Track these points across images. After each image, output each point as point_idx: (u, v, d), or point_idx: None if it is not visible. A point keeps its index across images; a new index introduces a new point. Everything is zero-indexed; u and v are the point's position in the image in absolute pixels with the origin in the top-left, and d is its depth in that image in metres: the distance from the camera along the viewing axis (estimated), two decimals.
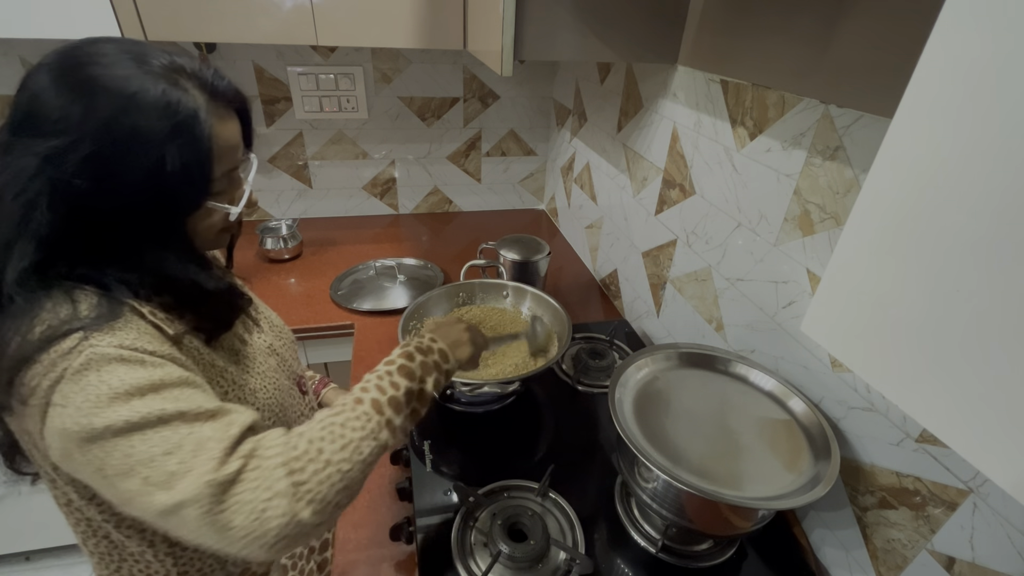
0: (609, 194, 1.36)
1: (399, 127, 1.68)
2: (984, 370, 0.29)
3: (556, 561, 0.71)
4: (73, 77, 0.45)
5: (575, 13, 0.87)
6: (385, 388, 0.54)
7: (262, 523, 0.43)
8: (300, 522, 0.44)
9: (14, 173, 0.45)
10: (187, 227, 0.53)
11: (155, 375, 0.46)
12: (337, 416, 0.50)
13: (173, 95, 0.46)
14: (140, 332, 0.48)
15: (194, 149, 0.48)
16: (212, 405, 0.47)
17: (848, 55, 0.63)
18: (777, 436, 0.70)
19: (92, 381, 0.43)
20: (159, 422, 0.44)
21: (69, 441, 0.43)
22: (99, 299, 0.48)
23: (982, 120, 0.28)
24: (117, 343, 0.46)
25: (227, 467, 0.43)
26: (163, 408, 0.44)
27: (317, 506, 0.45)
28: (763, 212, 0.80)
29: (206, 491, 0.42)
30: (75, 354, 0.44)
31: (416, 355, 0.59)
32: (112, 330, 0.46)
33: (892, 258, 0.34)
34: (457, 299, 1.09)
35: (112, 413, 0.43)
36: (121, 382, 0.44)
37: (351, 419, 0.50)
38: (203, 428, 0.45)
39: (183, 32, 1.08)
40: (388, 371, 0.56)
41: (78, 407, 0.43)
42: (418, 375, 0.58)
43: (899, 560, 0.64)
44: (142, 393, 0.44)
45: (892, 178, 0.34)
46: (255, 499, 0.43)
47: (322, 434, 0.48)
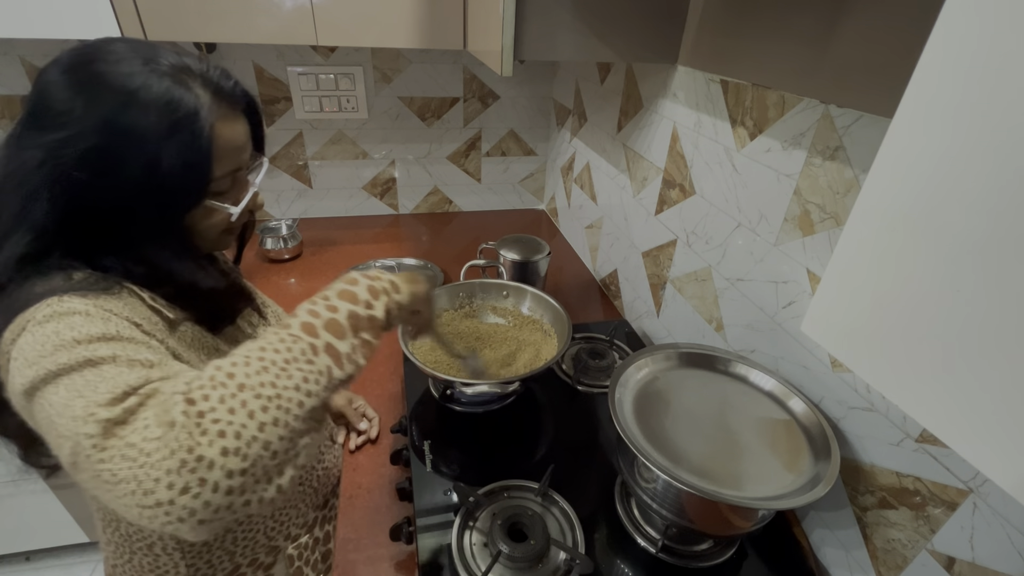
0: (609, 194, 1.36)
1: (399, 127, 1.68)
2: (984, 370, 0.29)
3: (556, 561, 0.71)
4: (79, 73, 0.46)
5: (575, 13, 0.87)
6: (319, 312, 0.46)
7: (151, 468, 0.33)
8: (203, 461, 0.34)
9: (19, 164, 0.46)
10: (186, 225, 0.53)
11: (112, 328, 0.42)
12: (254, 342, 0.42)
13: (175, 92, 0.47)
14: (128, 306, 0.47)
15: (192, 147, 0.48)
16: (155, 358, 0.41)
17: (848, 55, 0.63)
18: (777, 436, 0.70)
19: (48, 331, 0.41)
20: (87, 363, 0.38)
21: (17, 399, 0.40)
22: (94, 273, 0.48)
23: (982, 120, 0.28)
24: (90, 303, 0.44)
25: (120, 404, 0.36)
26: (98, 352, 0.39)
27: (230, 442, 0.35)
28: (763, 212, 0.80)
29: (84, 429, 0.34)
30: (44, 307, 0.43)
31: (361, 279, 0.52)
32: (96, 296, 0.45)
33: (892, 258, 0.34)
34: (457, 299, 1.09)
35: (49, 361, 0.38)
36: (71, 329, 0.41)
37: (272, 342, 0.41)
38: (130, 373, 0.39)
39: (183, 32, 1.08)
40: (324, 296, 0.49)
41: (26, 358, 0.40)
42: (363, 298, 0.50)
43: (899, 560, 0.64)
44: (90, 340, 0.40)
45: (892, 178, 0.34)
46: (144, 439, 0.34)
47: (234, 359, 0.39)
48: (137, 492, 0.33)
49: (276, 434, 0.37)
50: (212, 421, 0.35)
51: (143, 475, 0.33)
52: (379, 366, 1.11)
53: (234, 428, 0.35)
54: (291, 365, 0.40)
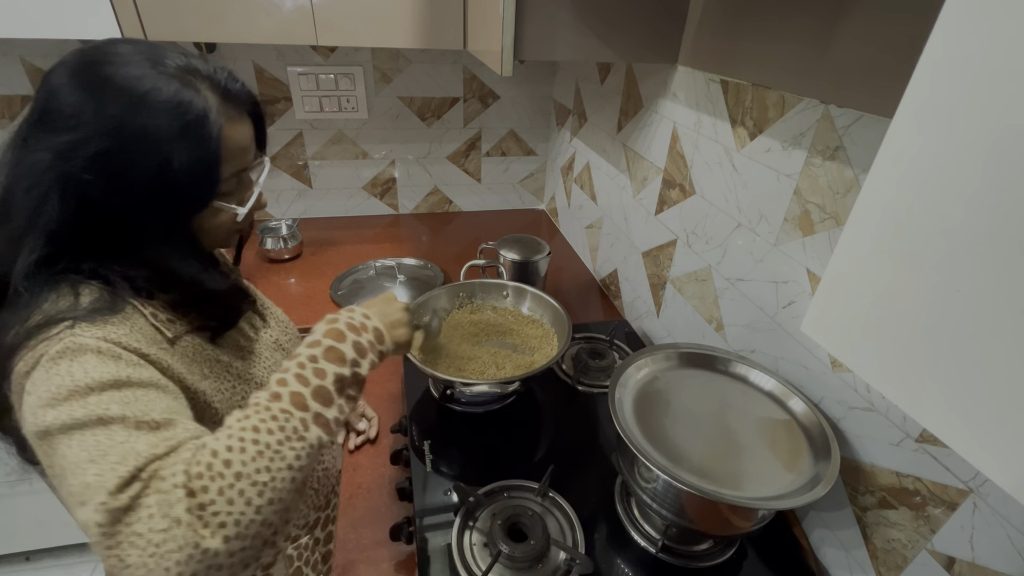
0: (609, 194, 1.36)
1: (399, 127, 1.68)
2: (984, 370, 0.29)
3: (556, 561, 0.71)
4: (88, 75, 0.46)
5: (575, 13, 0.87)
6: (308, 378, 0.47)
7: (160, 559, 0.36)
8: (208, 552, 0.37)
9: (28, 167, 0.46)
10: (194, 226, 0.53)
11: (122, 372, 0.44)
12: (247, 420, 0.43)
13: (185, 95, 0.47)
14: (133, 330, 0.48)
15: (202, 149, 0.48)
16: (162, 417, 0.43)
17: (848, 55, 0.63)
18: (777, 436, 0.70)
19: (61, 371, 0.42)
20: (98, 423, 0.40)
21: (29, 433, 0.42)
22: (101, 294, 0.48)
23: (981, 120, 0.28)
24: (101, 335, 0.45)
25: (125, 492, 0.37)
26: (108, 409, 0.41)
27: (230, 530, 0.38)
28: (763, 212, 0.80)
29: (97, 519, 0.36)
30: (55, 340, 0.43)
31: (348, 334, 0.53)
32: (104, 323, 0.46)
33: (892, 258, 0.34)
34: (457, 299, 1.09)
35: (64, 409, 0.40)
36: (85, 374, 0.42)
37: (265, 420, 0.43)
38: (139, 439, 0.40)
39: (183, 32, 1.08)
40: (311, 356, 0.49)
41: (39, 397, 0.41)
42: (350, 357, 0.51)
43: (899, 560, 0.64)
44: (102, 389, 0.42)
45: (892, 178, 0.34)
46: (150, 529, 0.36)
47: (229, 443, 0.41)
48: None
49: (271, 511, 0.41)
50: (213, 514, 0.38)
51: (153, 564, 0.36)
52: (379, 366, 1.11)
53: (234, 517, 0.38)
54: (284, 446, 0.42)
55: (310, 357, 0.49)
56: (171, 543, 0.36)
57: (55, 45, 1.33)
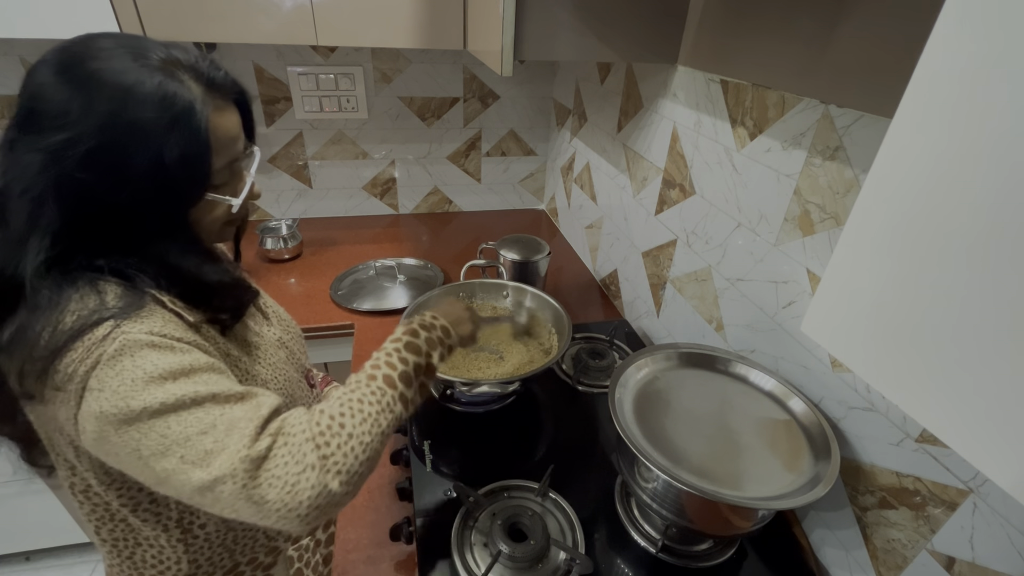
0: (609, 194, 1.36)
1: (399, 127, 1.68)
2: (984, 370, 0.29)
3: (556, 561, 0.71)
4: (72, 72, 0.46)
5: (575, 13, 0.87)
6: (395, 364, 0.56)
7: (295, 495, 0.45)
8: (331, 492, 0.46)
9: (20, 170, 0.45)
10: (191, 219, 0.54)
11: (185, 360, 0.48)
12: (353, 393, 0.52)
13: (169, 87, 0.47)
14: (164, 320, 0.50)
15: (192, 141, 0.48)
16: (241, 388, 0.49)
17: (848, 55, 0.63)
18: (777, 436, 0.70)
19: (127, 366, 0.45)
20: (193, 403, 0.46)
21: (106, 424, 0.45)
22: (122, 289, 0.49)
23: (982, 120, 0.28)
24: (147, 330, 0.47)
25: (259, 444, 0.45)
26: (196, 391, 0.46)
27: (344, 476, 0.47)
28: (763, 212, 0.80)
29: (240, 467, 0.44)
30: (109, 341, 0.45)
31: (421, 331, 0.62)
32: (140, 318, 0.48)
33: (892, 258, 0.34)
34: (457, 299, 1.08)
35: (148, 395, 0.45)
36: (155, 366, 0.46)
37: (367, 394, 0.52)
38: (234, 409, 0.47)
39: (183, 32, 1.08)
40: (396, 348, 0.58)
41: (115, 390, 0.44)
42: (424, 350, 0.60)
43: (899, 560, 0.64)
44: (175, 377, 0.46)
45: (892, 178, 0.34)
46: (287, 473, 0.45)
47: (342, 410, 0.50)
48: (282, 509, 0.45)
49: (369, 466, 0.50)
50: (334, 463, 0.47)
51: (289, 499, 0.45)
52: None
53: (347, 466, 0.48)
54: (381, 416, 0.52)
55: (395, 349, 0.58)
56: (305, 483, 0.45)
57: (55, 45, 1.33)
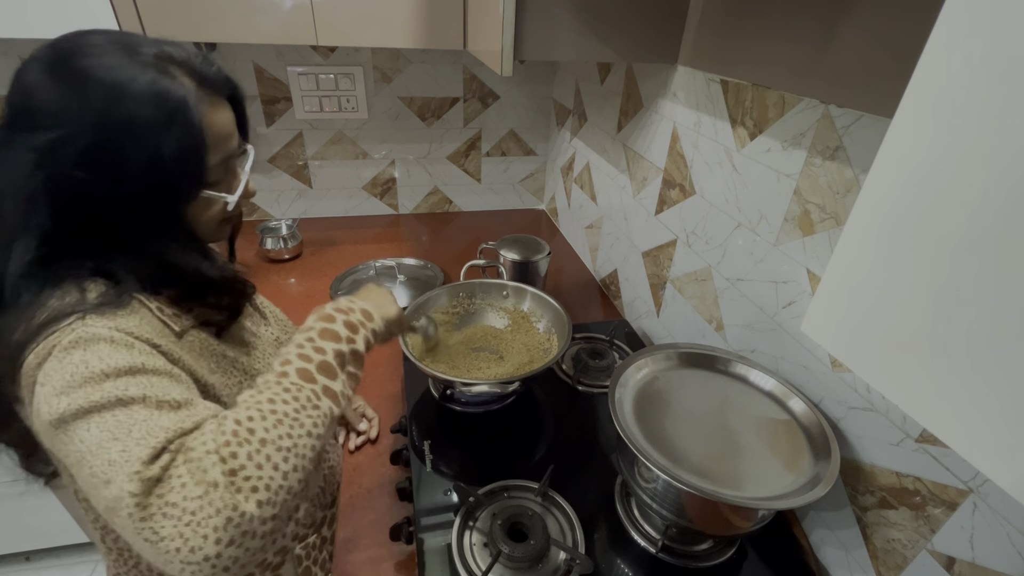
0: (609, 194, 1.36)
1: (399, 127, 1.68)
2: (984, 370, 0.29)
3: (556, 561, 0.71)
4: (64, 69, 0.45)
5: (575, 13, 0.87)
6: (310, 355, 0.50)
7: (197, 526, 0.36)
8: (245, 516, 0.38)
9: (12, 169, 0.45)
10: (187, 217, 0.53)
11: (136, 360, 0.44)
12: (261, 393, 0.45)
13: (162, 83, 0.46)
14: (142, 322, 0.48)
15: (187, 137, 0.47)
16: (183, 397, 0.44)
17: (848, 55, 0.63)
18: (777, 436, 0.70)
19: (75, 359, 0.42)
20: (118, 404, 0.40)
21: (42, 425, 0.41)
22: (107, 289, 0.47)
23: (982, 120, 0.28)
24: (112, 325, 0.45)
25: (157, 462, 0.38)
26: (127, 391, 0.41)
27: (263, 494, 0.39)
28: (763, 212, 0.80)
29: (128, 488, 0.36)
30: (66, 331, 0.43)
31: (336, 315, 0.55)
32: (112, 315, 0.46)
33: (892, 258, 0.34)
34: (457, 299, 1.09)
35: (81, 395, 0.40)
36: (100, 361, 0.42)
37: (279, 392, 0.45)
38: (161, 417, 0.41)
39: (183, 32, 1.08)
40: (308, 338, 0.51)
41: (53, 386, 0.41)
42: (344, 335, 0.54)
43: (899, 560, 0.64)
44: (118, 374, 0.42)
45: (892, 178, 0.34)
46: (185, 497, 0.36)
47: (249, 413, 0.42)
48: (183, 549, 0.36)
49: (296, 479, 0.42)
50: (244, 478, 0.38)
51: (189, 533, 0.36)
52: (379, 367, 1.11)
53: (263, 482, 0.39)
54: (301, 414, 0.44)
55: (307, 339, 0.51)
56: (208, 508, 0.37)
57: None
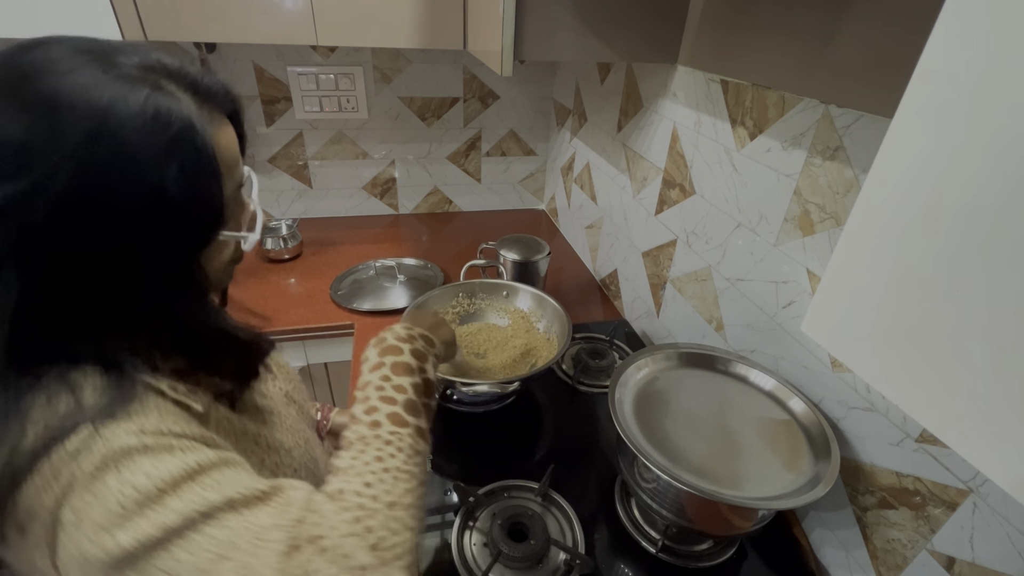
0: (609, 194, 1.36)
1: (399, 127, 1.68)
2: (984, 370, 0.29)
3: (556, 561, 0.71)
4: (24, 95, 0.34)
5: (575, 13, 0.87)
6: (393, 397, 0.47)
7: None
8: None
9: None
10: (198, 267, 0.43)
11: (188, 460, 0.37)
12: (365, 453, 0.43)
13: (160, 102, 0.37)
14: (162, 414, 0.39)
15: (197, 168, 0.38)
16: (262, 485, 0.38)
17: (848, 55, 0.63)
18: (777, 436, 0.70)
19: (111, 485, 0.34)
20: (204, 519, 0.35)
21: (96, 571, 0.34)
22: (105, 380, 0.38)
23: (982, 120, 0.28)
24: (137, 429, 0.37)
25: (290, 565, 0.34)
26: (207, 499, 0.35)
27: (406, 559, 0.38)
28: (763, 212, 0.80)
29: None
30: (86, 455, 0.34)
31: (402, 346, 0.53)
32: (128, 416, 0.37)
33: (892, 258, 0.34)
34: (457, 299, 1.09)
35: (144, 523, 0.34)
36: (148, 478, 0.35)
37: (381, 448, 0.43)
38: (258, 515, 0.36)
39: (183, 32, 1.08)
40: (383, 376, 0.49)
41: (97, 523, 0.33)
42: (415, 365, 0.52)
43: (899, 560, 0.64)
44: (176, 486, 0.35)
45: (892, 178, 0.34)
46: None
47: (366, 479, 0.40)
48: None
49: (420, 529, 0.41)
50: (387, 548, 0.37)
51: None
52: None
53: (404, 546, 0.39)
54: (409, 463, 0.43)
55: (383, 377, 0.49)
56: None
57: None
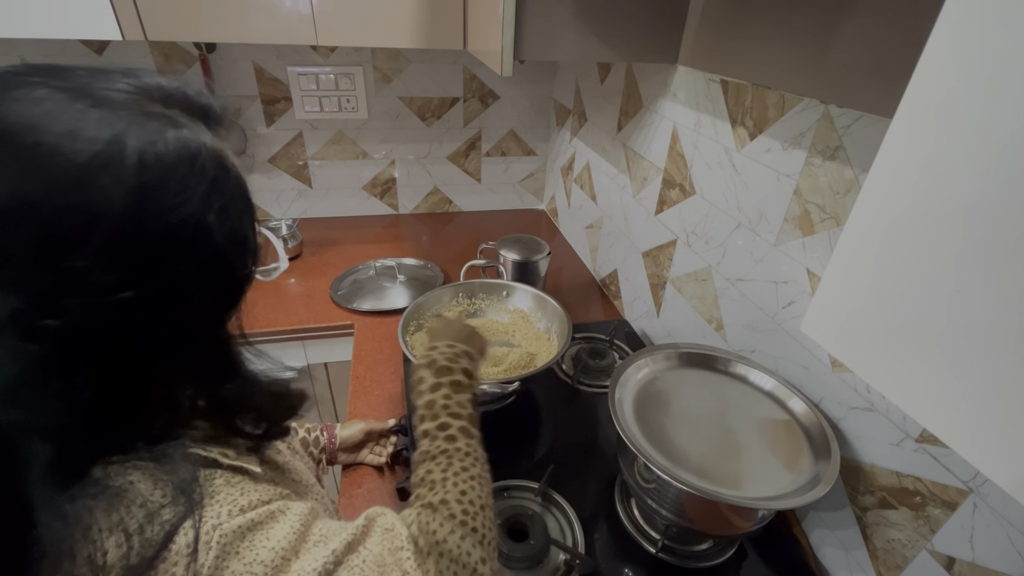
0: (609, 194, 1.36)
1: (399, 127, 1.68)
2: (984, 370, 0.29)
3: (556, 561, 0.71)
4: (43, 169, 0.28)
5: (575, 13, 0.87)
6: (459, 413, 0.53)
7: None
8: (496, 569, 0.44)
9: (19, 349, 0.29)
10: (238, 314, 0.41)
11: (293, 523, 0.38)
12: (451, 465, 0.49)
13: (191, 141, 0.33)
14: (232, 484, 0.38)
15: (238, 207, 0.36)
16: (358, 521, 0.43)
17: (848, 55, 0.63)
18: (777, 436, 0.70)
19: (238, 571, 0.34)
20: (336, 566, 0.38)
21: None
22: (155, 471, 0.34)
23: (982, 120, 0.28)
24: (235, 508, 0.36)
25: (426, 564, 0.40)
26: (332, 550, 0.38)
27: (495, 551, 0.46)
28: (763, 212, 0.80)
29: None
30: (204, 549, 0.33)
31: (453, 366, 0.58)
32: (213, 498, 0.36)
33: (892, 258, 0.34)
34: (457, 299, 1.09)
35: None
36: (271, 552, 0.35)
37: (464, 459, 0.49)
38: (369, 547, 0.40)
39: (183, 32, 1.08)
40: (446, 396, 0.55)
41: None
42: (466, 383, 0.58)
43: (899, 560, 0.64)
44: (296, 551, 0.37)
45: (892, 178, 0.34)
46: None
47: (463, 487, 0.47)
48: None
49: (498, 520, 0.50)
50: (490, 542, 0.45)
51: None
52: (379, 366, 1.11)
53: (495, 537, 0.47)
54: (485, 470, 0.50)
55: (445, 396, 0.55)
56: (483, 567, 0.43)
57: (55, 45, 1.33)
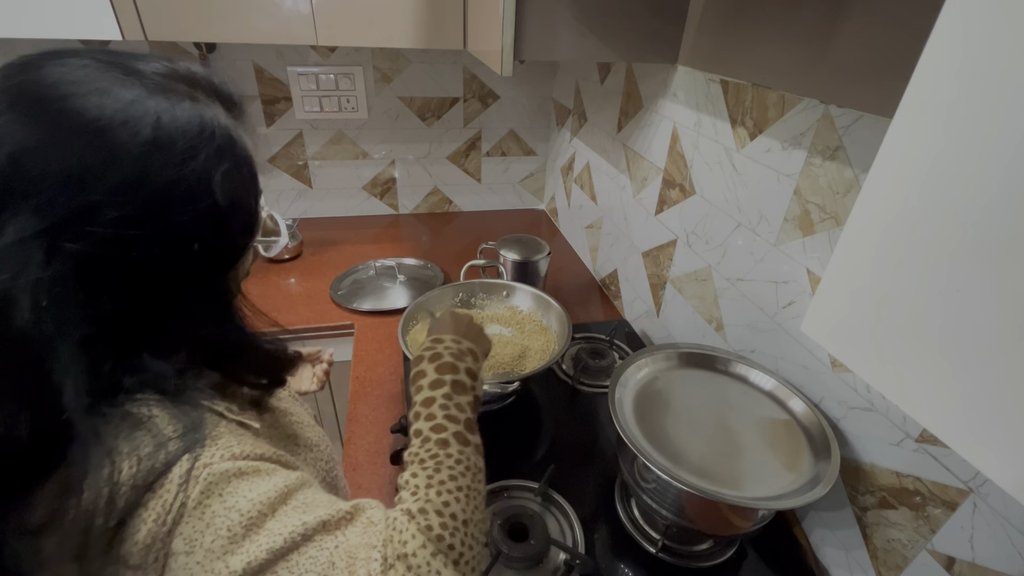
0: (609, 194, 1.36)
1: (399, 127, 1.68)
2: (984, 370, 0.29)
3: (556, 561, 0.71)
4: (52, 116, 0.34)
5: (575, 13, 0.87)
6: (456, 416, 0.50)
7: None
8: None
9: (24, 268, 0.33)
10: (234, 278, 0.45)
11: (277, 483, 0.39)
12: (439, 472, 0.46)
13: (205, 113, 0.39)
14: (233, 435, 0.41)
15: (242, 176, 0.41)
16: (344, 505, 0.42)
17: (848, 55, 0.63)
18: (777, 436, 0.70)
19: (218, 512, 0.36)
20: (305, 541, 0.38)
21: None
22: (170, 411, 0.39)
23: (982, 120, 0.28)
24: (227, 454, 0.38)
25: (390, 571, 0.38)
26: (303, 521, 0.38)
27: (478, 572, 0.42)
28: (763, 212, 0.80)
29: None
30: (193, 482, 0.36)
31: (458, 364, 0.55)
32: (213, 441, 0.39)
33: (892, 258, 0.34)
34: (457, 299, 1.09)
35: (253, 547, 0.36)
36: (250, 503, 0.37)
37: (453, 467, 0.46)
38: (347, 535, 0.39)
39: (183, 32, 1.08)
40: (446, 394, 0.52)
41: (208, 550, 0.35)
42: (469, 385, 0.55)
43: (899, 560, 0.64)
44: (274, 510, 0.38)
45: (892, 178, 0.34)
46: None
47: (445, 499, 0.43)
48: None
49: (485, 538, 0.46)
50: (465, 563, 0.41)
51: None
52: (379, 366, 1.11)
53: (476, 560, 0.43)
54: (475, 481, 0.47)
55: (444, 395, 0.52)
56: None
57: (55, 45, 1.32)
